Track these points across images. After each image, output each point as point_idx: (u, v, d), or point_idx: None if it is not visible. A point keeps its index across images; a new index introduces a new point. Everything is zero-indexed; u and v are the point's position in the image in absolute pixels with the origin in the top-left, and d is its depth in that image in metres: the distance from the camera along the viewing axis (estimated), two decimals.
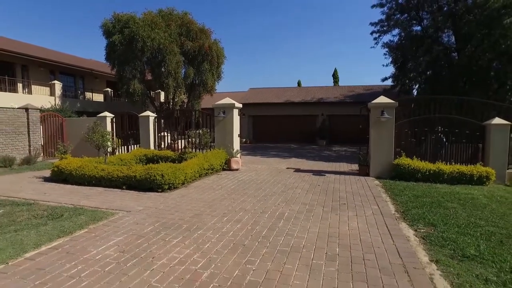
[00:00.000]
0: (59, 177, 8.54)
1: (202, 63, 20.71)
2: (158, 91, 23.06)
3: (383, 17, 19.48)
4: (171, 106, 21.83)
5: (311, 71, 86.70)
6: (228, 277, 3.32)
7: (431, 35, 17.89)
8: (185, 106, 22.16)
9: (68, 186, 7.99)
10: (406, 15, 18.93)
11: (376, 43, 20.28)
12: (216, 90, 23.53)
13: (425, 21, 18.76)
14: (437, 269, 3.55)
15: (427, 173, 8.70)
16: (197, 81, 21.29)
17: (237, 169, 10.72)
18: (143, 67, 20.44)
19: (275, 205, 6.20)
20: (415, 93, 21.09)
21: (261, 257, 3.82)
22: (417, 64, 17.72)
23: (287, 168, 11.35)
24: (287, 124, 25.67)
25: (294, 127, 25.41)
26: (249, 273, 3.40)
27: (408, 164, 8.89)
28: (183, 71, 20.83)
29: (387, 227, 4.96)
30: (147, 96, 21.43)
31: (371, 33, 20.49)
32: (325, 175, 9.81)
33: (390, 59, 20.02)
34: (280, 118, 25.92)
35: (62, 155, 10.13)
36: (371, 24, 20.36)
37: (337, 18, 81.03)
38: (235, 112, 11.33)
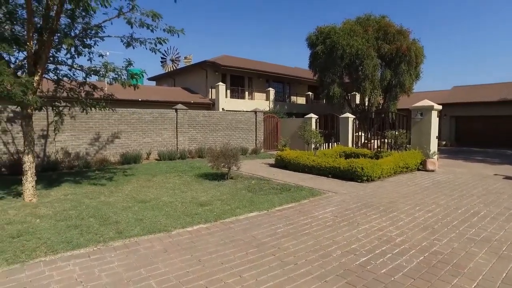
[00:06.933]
0: (280, 164, 11.32)
1: (399, 64, 20.61)
2: (354, 93, 24.44)
3: None
4: (366, 108, 22.78)
5: None
6: (416, 244, 4.35)
7: None
8: (380, 107, 22.60)
9: (287, 171, 10.57)
10: None
11: None
12: (413, 90, 22.77)
13: None
14: None
15: None
16: (393, 83, 21.27)
17: (432, 170, 10.78)
18: (342, 72, 22.19)
19: (471, 205, 6.43)
20: None
21: (448, 238, 4.58)
22: None
23: (495, 174, 10.41)
24: (501, 125, 21.85)
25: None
26: (435, 246, 4.30)
27: None
28: (379, 73, 21.33)
29: None
30: (344, 99, 23.17)
31: None
32: None
33: None
34: (491, 119, 22.34)
35: (283, 147, 13.16)
36: None
37: None
38: (434, 114, 11.33)
